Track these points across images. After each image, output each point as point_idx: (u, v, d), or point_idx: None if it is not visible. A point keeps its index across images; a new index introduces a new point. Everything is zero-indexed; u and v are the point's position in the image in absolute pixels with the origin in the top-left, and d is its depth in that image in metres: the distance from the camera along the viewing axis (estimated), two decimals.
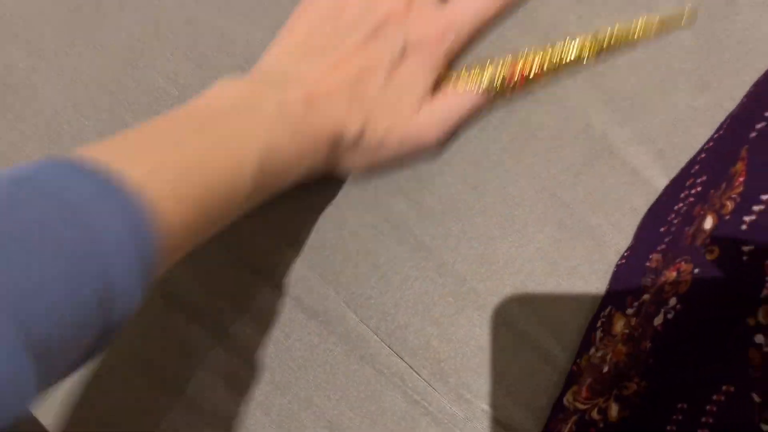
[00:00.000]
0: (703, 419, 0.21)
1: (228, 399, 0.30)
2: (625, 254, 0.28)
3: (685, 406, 0.22)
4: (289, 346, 0.30)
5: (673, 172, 0.29)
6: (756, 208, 0.21)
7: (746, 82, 0.29)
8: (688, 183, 0.27)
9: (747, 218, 0.21)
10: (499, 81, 0.29)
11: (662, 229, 0.27)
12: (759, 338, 0.20)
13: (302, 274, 0.30)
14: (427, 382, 0.29)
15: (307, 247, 0.30)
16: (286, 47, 0.28)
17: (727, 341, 0.21)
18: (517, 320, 0.29)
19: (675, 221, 0.26)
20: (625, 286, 0.27)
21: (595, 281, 0.29)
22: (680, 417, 0.22)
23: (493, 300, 0.29)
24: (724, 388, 0.21)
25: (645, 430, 0.23)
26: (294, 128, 0.25)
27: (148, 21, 0.31)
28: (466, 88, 0.29)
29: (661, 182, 0.29)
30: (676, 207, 0.27)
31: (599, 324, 0.27)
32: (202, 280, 0.30)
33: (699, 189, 0.26)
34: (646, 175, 0.29)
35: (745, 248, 0.21)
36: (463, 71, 0.30)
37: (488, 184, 0.30)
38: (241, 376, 0.30)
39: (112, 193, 0.19)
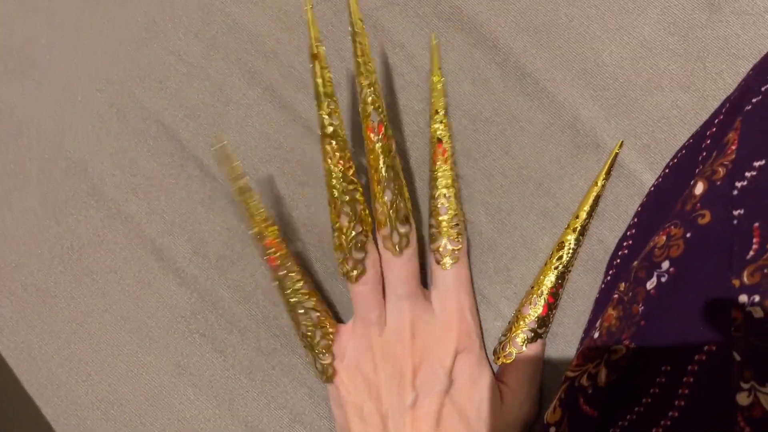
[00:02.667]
0: (685, 379, 0.22)
1: (214, 362, 0.31)
2: (626, 244, 0.29)
3: (669, 368, 0.22)
4: (276, 314, 0.31)
5: (657, 167, 0.30)
6: (748, 174, 0.22)
7: (729, 84, 0.30)
8: (697, 170, 0.27)
9: (738, 183, 0.22)
10: (538, 319, 0.29)
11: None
12: (743, 298, 0.21)
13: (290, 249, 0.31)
14: None
15: (299, 224, 0.31)
16: None
17: (712, 302, 0.22)
18: (498, 301, 0.30)
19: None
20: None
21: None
22: (664, 380, 0.22)
23: (476, 282, 0.30)
24: (706, 348, 0.21)
25: (630, 393, 0.23)
26: None
27: (164, 3, 0.32)
28: (518, 347, 0.28)
29: (646, 176, 0.30)
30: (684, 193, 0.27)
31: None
32: (195, 248, 0.31)
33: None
34: (631, 169, 0.30)
35: (736, 212, 0.22)
36: (510, 333, 0.29)
37: (476, 174, 0.31)
38: (228, 340, 0.31)
39: None
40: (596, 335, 0.25)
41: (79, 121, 0.32)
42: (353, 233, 0.26)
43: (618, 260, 0.28)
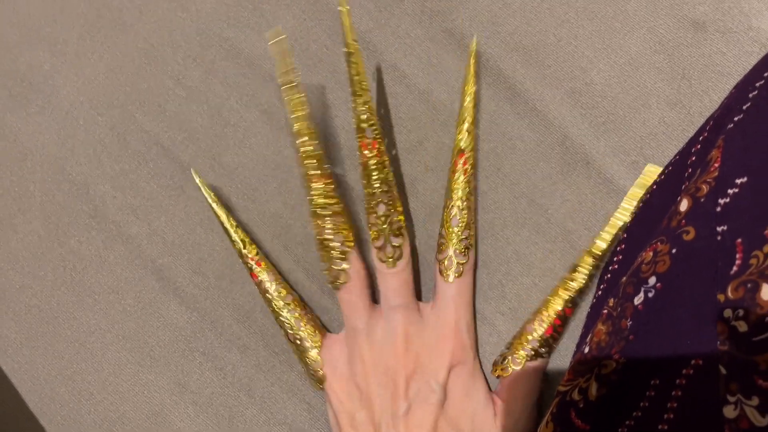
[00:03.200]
0: (674, 393, 0.22)
1: (213, 380, 0.31)
2: (616, 259, 0.29)
3: (658, 381, 0.23)
4: (275, 332, 0.31)
5: None
6: (730, 191, 0.23)
7: (714, 101, 0.30)
8: (683, 187, 0.28)
9: (721, 200, 0.23)
10: (540, 338, 0.29)
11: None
12: (727, 312, 0.21)
13: (290, 267, 0.32)
14: None
15: (296, 243, 0.32)
16: None
17: (698, 317, 0.22)
18: (493, 317, 0.31)
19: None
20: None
21: None
22: (653, 393, 0.23)
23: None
24: (693, 362, 0.22)
25: (621, 406, 0.24)
26: None
27: (163, 30, 0.33)
28: (517, 363, 0.29)
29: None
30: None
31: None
32: (195, 268, 0.32)
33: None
34: (620, 185, 0.31)
35: (719, 228, 0.23)
36: (511, 348, 0.29)
37: None
38: (227, 358, 0.31)
39: None
40: (586, 350, 0.25)
41: (81, 145, 0.33)
42: (335, 244, 0.28)
43: (609, 275, 0.28)
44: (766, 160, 0.22)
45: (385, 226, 0.28)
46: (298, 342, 0.29)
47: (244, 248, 0.30)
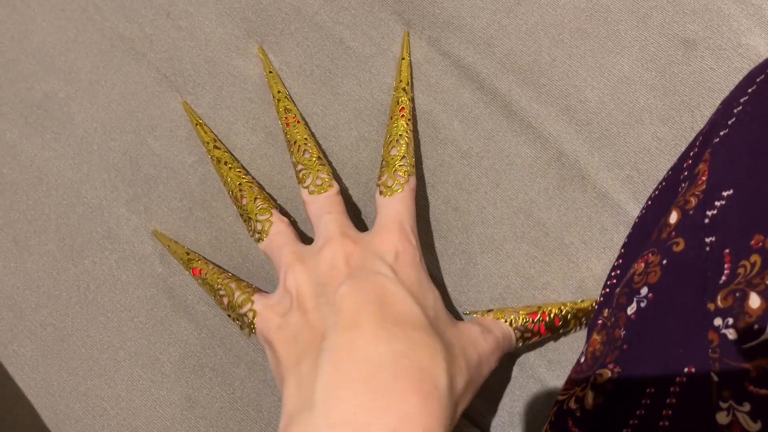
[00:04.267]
0: (668, 400, 0.23)
1: (223, 395, 0.32)
2: (613, 274, 0.30)
3: (653, 389, 0.23)
4: None
5: (641, 196, 0.31)
6: (717, 203, 0.24)
7: (705, 116, 0.31)
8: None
9: (709, 212, 0.24)
10: (521, 317, 0.29)
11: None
12: (717, 321, 0.22)
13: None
14: None
15: None
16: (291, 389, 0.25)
17: (690, 326, 0.23)
18: None
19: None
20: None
21: (567, 295, 0.31)
22: (648, 401, 0.23)
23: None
24: (686, 369, 0.23)
25: (617, 414, 0.24)
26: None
27: (173, 59, 0.35)
28: (495, 317, 0.29)
29: (630, 205, 0.31)
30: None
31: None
32: None
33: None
34: (616, 199, 0.32)
35: (707, 239, 0.23)
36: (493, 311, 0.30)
37: (469, 206, 0.33)
38: (236, 374, 0.32)
39: None
40: (582, 359, 0.26)
41: (96, 170, 0.34)
42: (254, 204, 0.30)
43: (606, 289, 0.29)
44: (750, 173, 0.23)
45: (311, 164, 0.30)
46: (230, 297, 0.29)
47: (190, 263, 0.32)
